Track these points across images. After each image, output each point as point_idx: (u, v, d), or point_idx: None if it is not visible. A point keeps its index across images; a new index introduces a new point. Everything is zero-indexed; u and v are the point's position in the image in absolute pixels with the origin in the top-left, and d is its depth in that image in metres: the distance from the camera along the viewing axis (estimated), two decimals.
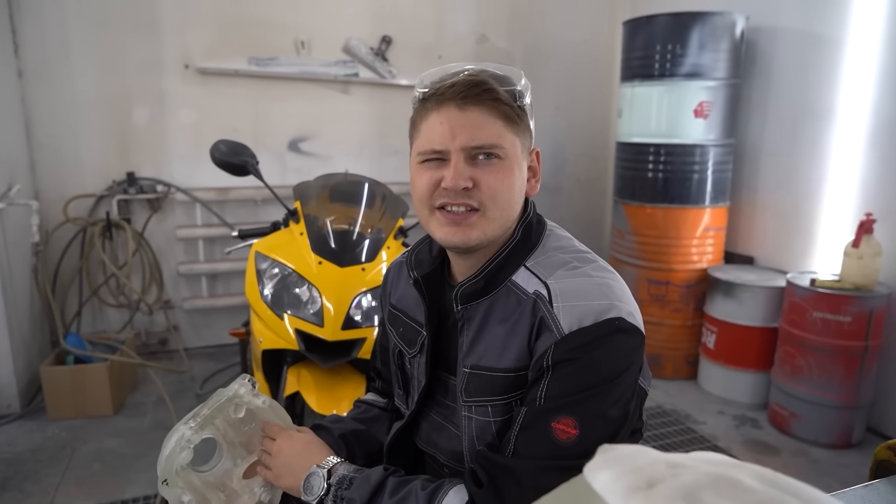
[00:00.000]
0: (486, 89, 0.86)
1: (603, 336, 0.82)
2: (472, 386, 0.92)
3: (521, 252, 0.93)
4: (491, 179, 0.87)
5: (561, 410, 0.81)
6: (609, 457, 0.47)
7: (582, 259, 0.92)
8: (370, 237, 1.92)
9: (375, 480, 0.90)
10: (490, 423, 0.91)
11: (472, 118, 0.86)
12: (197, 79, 3.40)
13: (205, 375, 3.27)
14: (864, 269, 2.52)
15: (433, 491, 0.87)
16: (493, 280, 0.92)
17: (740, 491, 0.41)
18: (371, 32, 3.66)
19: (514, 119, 0.89)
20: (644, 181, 3.24)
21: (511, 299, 0.91)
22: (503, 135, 0.88)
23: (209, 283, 3.60)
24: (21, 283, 2.96)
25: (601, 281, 0.87)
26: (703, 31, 2.98)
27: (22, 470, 2.39)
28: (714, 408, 3.02)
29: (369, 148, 3.82)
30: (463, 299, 0.94)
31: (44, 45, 3.10)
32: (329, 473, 0.94)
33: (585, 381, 0.81)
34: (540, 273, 0.90)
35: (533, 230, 0.96)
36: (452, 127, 0.87)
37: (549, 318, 0.84)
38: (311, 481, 0.95)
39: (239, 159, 1.92)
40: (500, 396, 0.90)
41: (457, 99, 0.86)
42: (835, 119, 2.86)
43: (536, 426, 0.82)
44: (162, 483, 0.98)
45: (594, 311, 0.83)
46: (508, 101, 0.88)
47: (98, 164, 3.32)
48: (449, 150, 0.87)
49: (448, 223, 0.89)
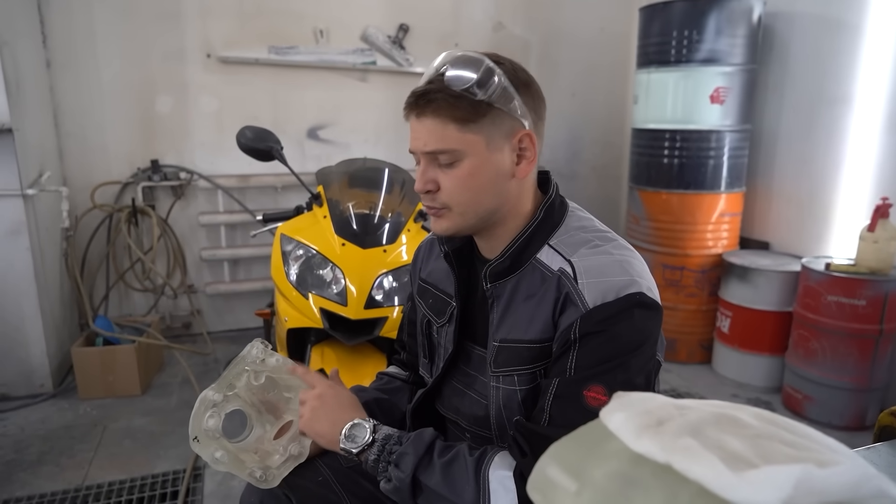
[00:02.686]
0: (431, 99, 0.91)
1: (625, 310, 0.87)
2: (500, 358, 0.98)
3: (544, 231, 0.99)
4: (449, 182, 0.94)
5: (591, 379, 0.87)
6: (623, 401, 0.53)
7: (603, 238, 0.97)
8: (391, 220, 1.98)
9: (428, 439, 0.95)
10: (516, 392, 0.97)
11: (426, 126, 0.93)
12: (218, 67, 3.46)
13: (228, 358, 3.34)
14: (880, 254, 2.53)
15: (479, 457, 0.92)
16: (518, 259, 0.98)
17: (740, 426, 0.46)
18: (388, 21, 3.69)
19: (469, 118, 0.91)
20: (660, 167, 3.26)
21: (536, 276, 0.96)
22: (457, 137, 0.91)
23: (231, 269, 3.68)
24: (52, 268, 3.06)
25: (622, 258, 0.93)
26: (720, 16, 2.98)
27: (57, 446, 2.50)
28: (728, 391, 3.05)
29: (386, 136, 3.86)
30: (492, 278, 1.00)
31: (71, 35, 3.18)
32: (375, 428, 0.99)
33: (611, 351, 0.87)
34: (563, 251, 0.95)
35: (555, 210, 1.01)
36: (413, 133, 0.95)
37: (574, 294, 0.90)
38: (355, 431, 0.99)
39: (264, 145, 1.98)
40: (527, 366, 0.95)
41: (411, 110, 0.94)
42: (852, 104, 2.85)
43: (569, 395, 0.88)
44: (193, 440, 1.04)
45: (616, 286, 0.88)
46: (457, 104, 0.90)
47: (123, 151, 3.40)
48: (415, 153, 0.96)
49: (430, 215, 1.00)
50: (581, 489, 0.46)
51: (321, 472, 1.12)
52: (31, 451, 2.46)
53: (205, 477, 2.28)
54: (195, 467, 2.32)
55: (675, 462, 0.42)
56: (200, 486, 2.23)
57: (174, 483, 2.24)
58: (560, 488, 0.47)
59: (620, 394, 0.53)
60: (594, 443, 0.50)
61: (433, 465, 0.92)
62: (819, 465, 0.39)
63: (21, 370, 2.87)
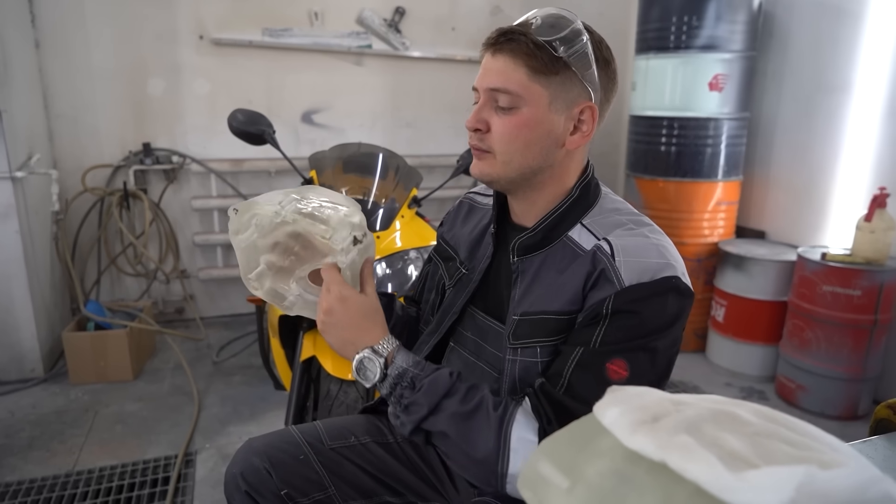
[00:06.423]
0: (512, 39, 0.90)
1: (660, 292, 0.87)
2: (520, 331, 0.97)
3: (579, 209, 0.99)
4: (501, 126, 0.93)
5: (615, 354, 0.87)
6: (618, 396, 0.51)
7: (638, 222, 0.97)
8: (385, 206, 1.96)
9: (443, 388, 0.91)
10: (537, 364, 0.95)
11: (498, 64, 0.92)
12: (211, 50, 3.41)
13: (220, 343, 3.34)
14: (876, 244, 2.52)
15: (503, 413, 0.89)
16: (549, 234, 0.98)
17: (739, 423, 0.44)
18: (385, 4, 3.64)
19: (542, 70, 0.90)
20: (657, 155, 3.24)
21: (567, 253, 0.96)
22: (523, 83, 0.91)
23: (224, 254, 3.65)
24: (42, 252, 3.03)
25: (658, 242, 0.93)
26: (720, 2, 2.94)
27: (48, 430, 2.48)
28: (722, 380, 3.05)
29: (382, 120, 3.82)
30: (520, 251, 0.99)
31: (60, 15, 3.12)
32: (386, 363, 0.93)
33: (640, 331, 0.87)
34: (597, 231, 0.95)
35: (591, 191, 1.01)
36: (483, 70, 0.94)
37: (610, 270, 0.89)
38: (365, 365, 0.94)
39: (256, 128, 1.95)
40: (551, 338, 0.94)
41: (489, 45, 0.93)
42: (851, 93, 2.83)
43: (592, 365, 0.87)
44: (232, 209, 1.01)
45: (652, 268, 0.88)
46: (535, 52, 0.89)
47: (114, 134, 3.36)
48: (477, 89, 0.95)
49: (475, 156, 0.99)
50: (573, 486, 0.45)
51: (302, 451, 1.13)
52: (22, 435, 2.44)
53: (196, 463, 2.27)
54: (186, 453, 2.31)
55: (671, 461, 0.40)
56: (192, 472, 2.22)
57: (165, 469, 2.23)
58: (552, 485, 0.46)
59: (615, 388, 0.51)
60: (588, 438, 0.48)
61: (449, 413, 0.90)
62: (822, 466, 0.37)
63: (11, 354, 2.85)
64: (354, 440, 1.18)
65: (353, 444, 1.18)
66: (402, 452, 1.20)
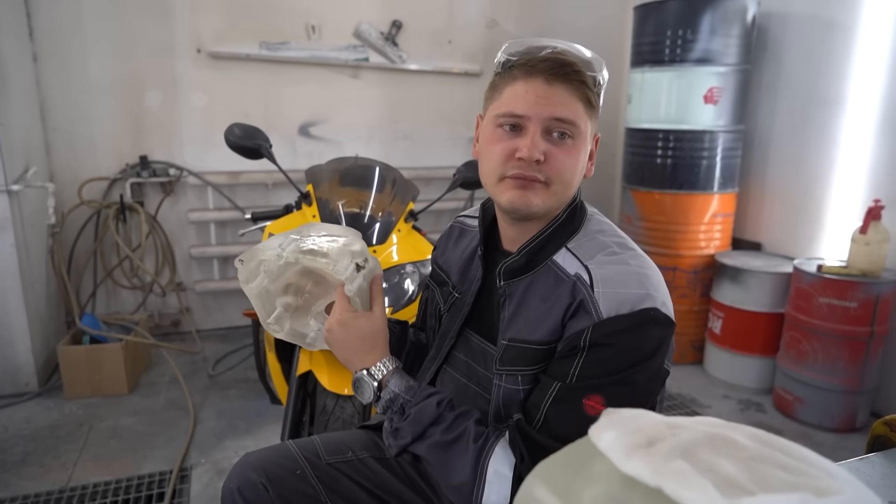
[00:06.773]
0: (575, 70, 0.92)
1: (638, 325, 0.87)
2: (506, 356, 0.98)
3: (564, 233, 0.99)
4: (561, 156, 0.93)
5: (592, 390, 0.86)
6: (613, 419, 0.50)
7: (621, 245, 0.97)
8: (381, 220, 1.96)
9: (429, 418, 0.95)
10: (518, 392, 0.96)
11: (557, 93, 0.92)
12: (209, 63, 3.42)
13: (217, 356, 3.33)
14: (872, 256, 2.53)
15: (482, 445, 0.92)
16: (534, 258, 0.98)
17: (734, 448, 0.44)
18: (381, 17, 3.66)
19: (591, 104, 0.95)
20: (653, 167, 3.25)
21: (550, 277, 0.96)
22: (581, 116, 0.93)
23: (221, 267, 3.65)
24: (38, 265, 3.02)
25: (639, 270, 0.92)
26: (714, 16, 2.97)
27: (41, 446, 2.46)
28: (719, 392, 3.05)
29: (379, 133, 3.83)
30: (506, 275, 1.00)
31: (58, 28, 3.13)
32: (380, 386, 1.00)
33: (617, 364, 0.86)
34: (580, 255, 0.95)
35: (577, 214, 1.01)
36: (538, 97, 0.92)
37: (588, 302, 0.89)
38: (361, 385, 1.01)
39: (253, 142, 1.95)
40: (531, 367, 0.95)
41: (547, 73, 0.92)
42: (845, 105, 2.85)
43: (569, 400, 0.88)
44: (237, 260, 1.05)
45: (631, 300, 0.87)
46: (590, 86, 0.94)
47: (111, 147, 3.36)
48: (529, 117, 0.92)
49: (516, 186, 0.94)
50: None
51: (299, 465, 1.13)
52: (15, 451, 2.42)
53: (192, 478, 2.25)
54: (182, 468, 2.29)
55: (667, 487, 0.40)
56: (187, 488, 2.20)
57: (160, 484, 2.21)
58: None
59: (611, 410, 0.51)
60: (583, 462, 0.48)
61: (431, 442, 0.94)
62: (818, 493, 0.37)
63: (6, 368, 2.83)
64: (352, 455, 1.18)
65: (350, 459, 1.17)
66: (400, 468, 1.19)
